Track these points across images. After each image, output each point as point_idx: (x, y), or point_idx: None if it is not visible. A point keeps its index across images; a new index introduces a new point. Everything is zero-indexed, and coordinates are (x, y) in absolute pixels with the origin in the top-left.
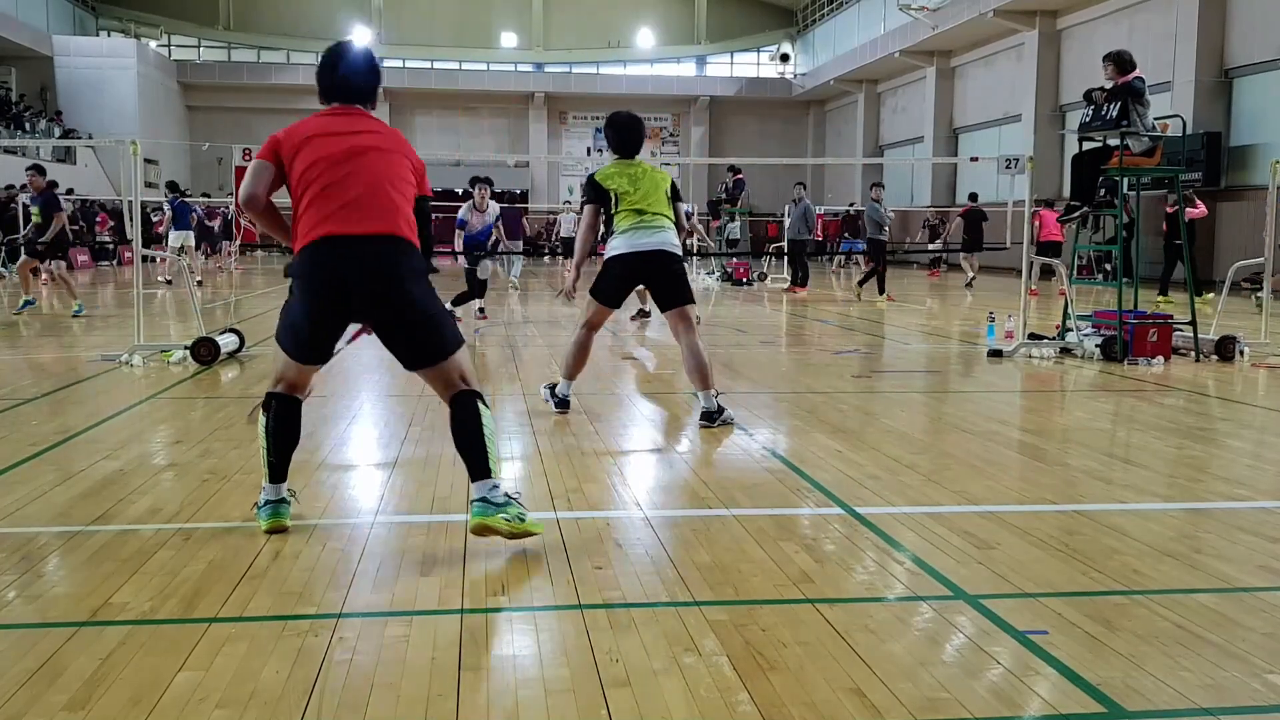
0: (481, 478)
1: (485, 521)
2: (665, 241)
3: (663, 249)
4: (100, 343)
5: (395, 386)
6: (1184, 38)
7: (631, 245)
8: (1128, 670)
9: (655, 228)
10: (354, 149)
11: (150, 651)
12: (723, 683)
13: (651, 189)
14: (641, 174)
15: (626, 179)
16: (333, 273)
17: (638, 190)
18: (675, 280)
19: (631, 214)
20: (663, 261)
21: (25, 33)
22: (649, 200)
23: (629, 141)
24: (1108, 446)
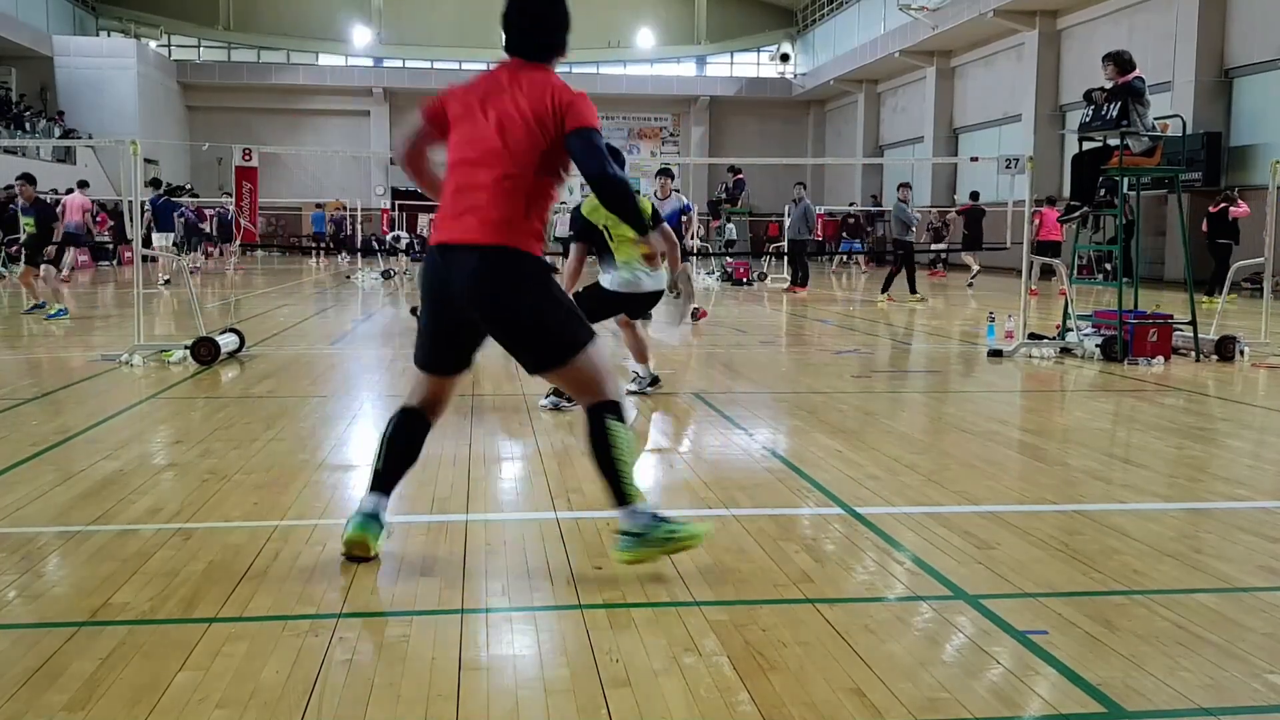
0: (619, 505)
1: (628, 557)
2: (660, 282)
3: (658, 289)
4: (100, 343)
5: (395, 387)
6: (1184, 38)
7: (632, 287)
8: (1128, 670)
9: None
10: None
11: (150, 652)
12: (723, 683)
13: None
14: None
15: (603, 213)
16: (438, 281)
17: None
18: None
19: (629, 245)
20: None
21: (25, 33)
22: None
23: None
24: (1108, 446)
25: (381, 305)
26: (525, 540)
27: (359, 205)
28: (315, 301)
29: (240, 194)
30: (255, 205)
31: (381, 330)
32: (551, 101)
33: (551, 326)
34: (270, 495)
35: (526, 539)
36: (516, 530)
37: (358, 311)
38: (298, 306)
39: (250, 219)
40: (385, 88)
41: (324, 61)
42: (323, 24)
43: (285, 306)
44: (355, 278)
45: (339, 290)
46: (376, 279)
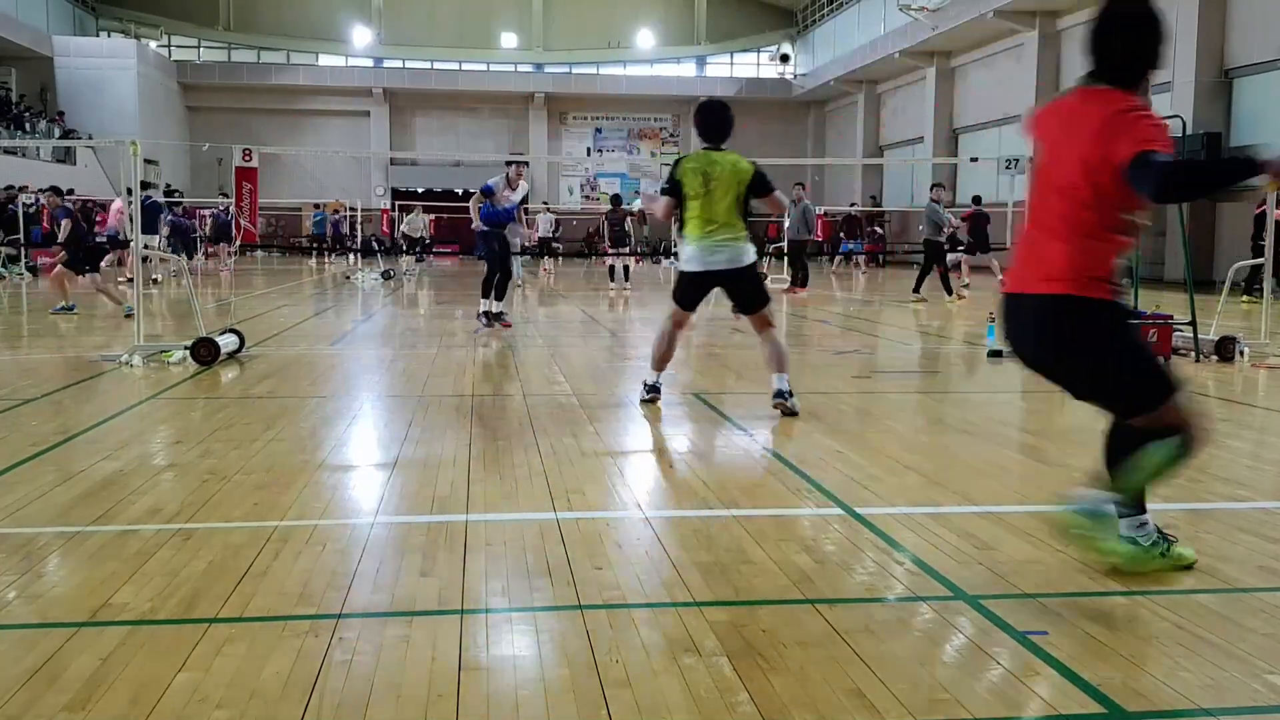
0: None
1: (1074, 529)
2: (735, 260)
3: (734, 268)
4: (100, 343)
5: (395, 386)
6: (1184, 38)
7: (703, 264)
8: (1128, 671)
9: (723, 244)
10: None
11: (150, 652)
12: (723, 683)
13: (722, 192)
14: (719, 171)
15: (700, 178)
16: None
17: (708, 194)
18: (747, 288)
19: (698, 223)
20: (736, 276)
21: (25, 33)
22: (716, 208)
23: (712, 125)
24: None
25: (382, 305)
26: (525, 540)
27: (359, 205)
28: (315, 302)
29: (240, 194)
30: (255, 206)
31: (382, 331)
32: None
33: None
34: (270, 495)
35: (526, 539)
36: (516, 531)
37: (358, 312)
38: (298, 307)
39: (250, 219)
40: (385, 88)
41: (324, 62)
42: (323, 24)
43: (285, 307)
44: (355, 278)
45: (339, 291)
46: (376, 279)
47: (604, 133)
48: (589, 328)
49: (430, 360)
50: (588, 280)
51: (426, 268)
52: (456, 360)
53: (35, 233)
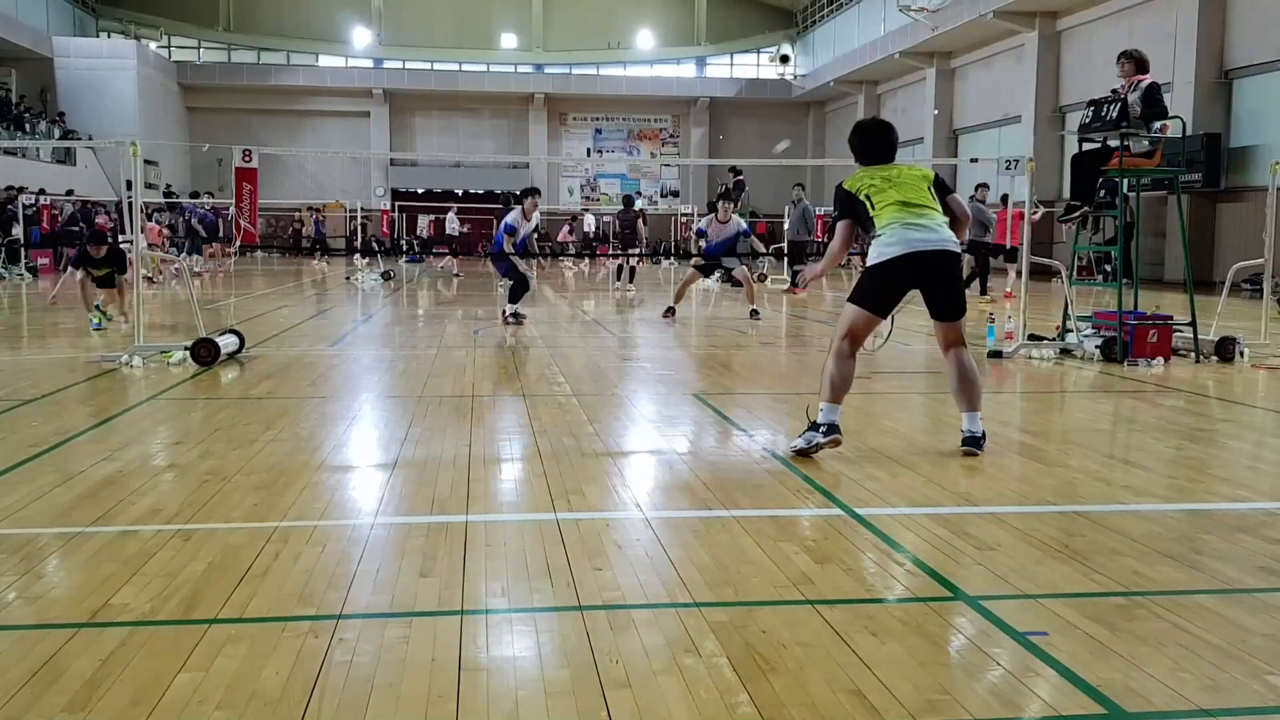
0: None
1: None
2: (946, 240)
3: (944, 248)
4: (100, 343)
5: (395, 386)
6: (1184, 38)
7: (907, 244)
8: (1128, 671)
9: (929, 223)
10: None
11: (150, 653)
12: (723, 684)
13: (913, 183)
14: (898, 174)
15: (879, 179)
16: None
17: (897, 185)
18: (953, 286)
19: (895, 207)
20: (944, 263)
21: (25, 34)
22: (911, 194)
23: (878, 148)
24: (1108, 447)
25: (382, 306)
26: (525, 540)
27: (359, 206)
28: (315, 302)
29: (240, 195)
30: (255, 206)
31: (382, 331)
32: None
33: None
34: (270, 496)
35: (526, 539)
36: (516, 532)
37: (358, 312)
38: (297, 307)
39: (250, 220)
40: (385, 89)
41: (324, 63)
42: (323, 25)
43: (285, 307)
44: (355, 279)
45: (339, 291)
46: (376, 280)
47: (604, 133)
48: (589, 327)
49: (430, 360)
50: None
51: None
52: (456, 360)
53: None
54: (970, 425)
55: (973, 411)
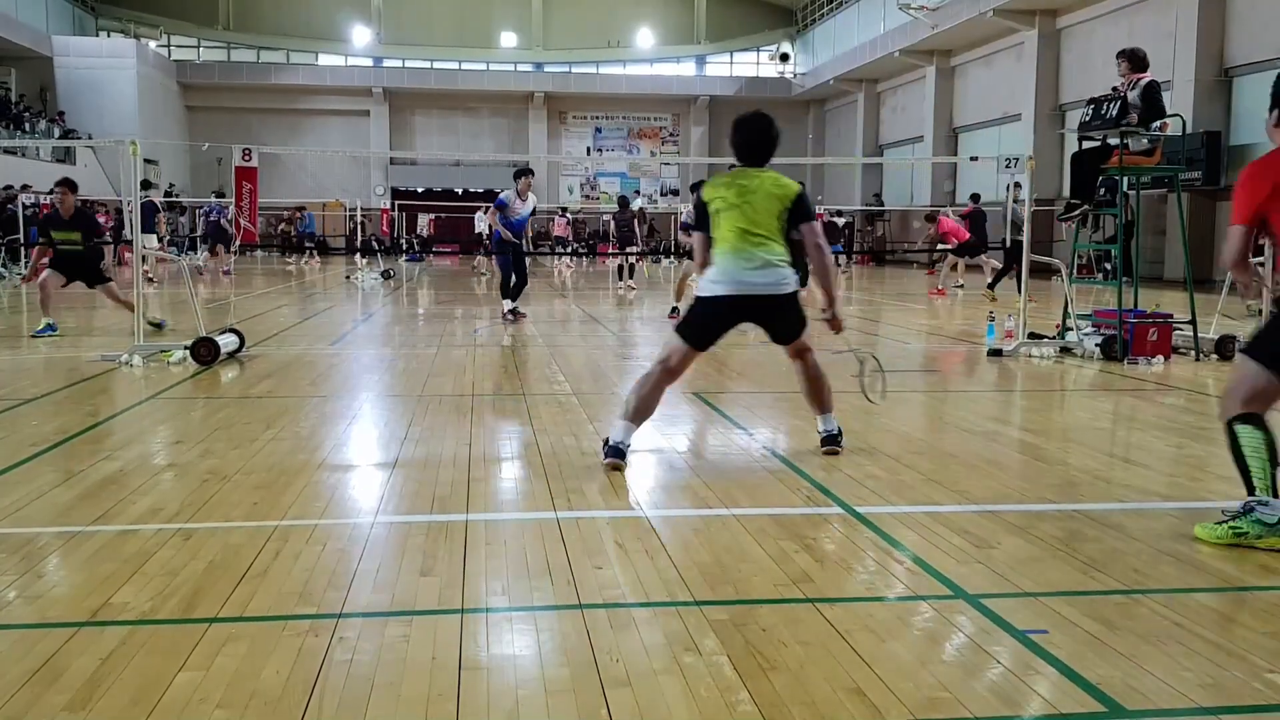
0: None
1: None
2: (777, 282)
3: (771, 293)
4: (100, 343)
5: (395, 386)
6: (1184, 37)
7: (734, 283)
8: (1128, 669)
9: (763, 258)
10: None
11: (150, 652)
12: (723, 682)
13: (765, 204)
14: (757, 186)
15: (734, 190)
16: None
17: (746, 203)
18: (784, 319)
19: (734, 235)
20: (771, 305)
21: (25, 33)
22: (757, 218)
23: (749, 148)
24: (1108, 446)
25: (381, 305)
26: (525, 540)
27: (359, 205)
28: (315, 302)
29: (240, 194)
30: (255, 206)
31: (381, 330)
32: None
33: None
34: (270, 495)
35: (527, 539)
36: (517, 530)
37: (357, 312)
38: (297, 307)
39: (250, 220)
40: (385, 88)
41: (324, 61)
42: (322, 24)
43: (285, 307)
44: (355, 278)
45: (339, 290)
46: (376, 279)
47: (604, 132)
48: (588, 326)
49: (430, 360)
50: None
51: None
52: (456, 360)
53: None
54: (825, 426)
55: (825, 413)
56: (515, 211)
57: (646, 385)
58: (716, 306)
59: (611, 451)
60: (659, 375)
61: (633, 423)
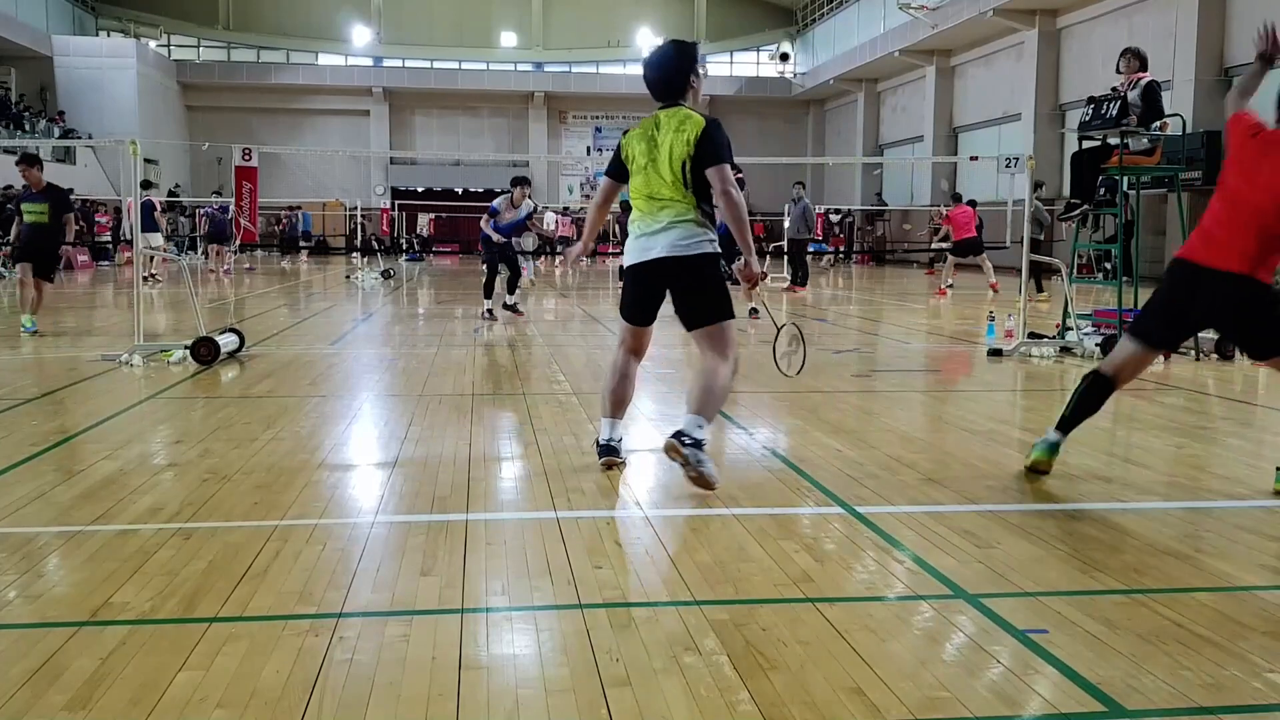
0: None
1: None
2: (674, 245)
3: (668, 255)
4: (100, 343)
5: (395, 386)
6: (1184, 37)
7: (635, 252)
8: (1128, 669)
9: (662, 221)
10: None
11: (150, 651)
12: (723, 682)
13: (666, 156)
14: (664, 135)
15: (645, 143)
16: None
17: (652, 162)
18: (690, 291)
19: (639, 200)
20: (671, 272)
21: (25, 33)
22: (658, 176)
23: (654, 84)
24: (1108, 445)
25: (381, 305)
26: (525, 540)
27: (359, 205)
28: (315, 301)
29: (240, 194)
30: (255, 205)
31: (381, 330)
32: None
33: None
34: (270, 495)
35: (526, 539)
36: (516, 530)
37: (357, 311)
38: (297, 306)
39: (250, 219)
40: (385, 87)
41: (324, 61)
42: (322, 24)
43: (284, 306)
44: (355, 278)
45: (338, 290)
46: (376, 279)
47: (604, 132)
48: (588, 325)
49: (430, 359)
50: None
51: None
52: (456, 359)
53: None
54: (688, 426)
55: (694, 414)
56: (506, 218)
57: (614, 373)
58: (634, 277)
59: (604, 450)
60: (621, 358)
61: (615, 417)
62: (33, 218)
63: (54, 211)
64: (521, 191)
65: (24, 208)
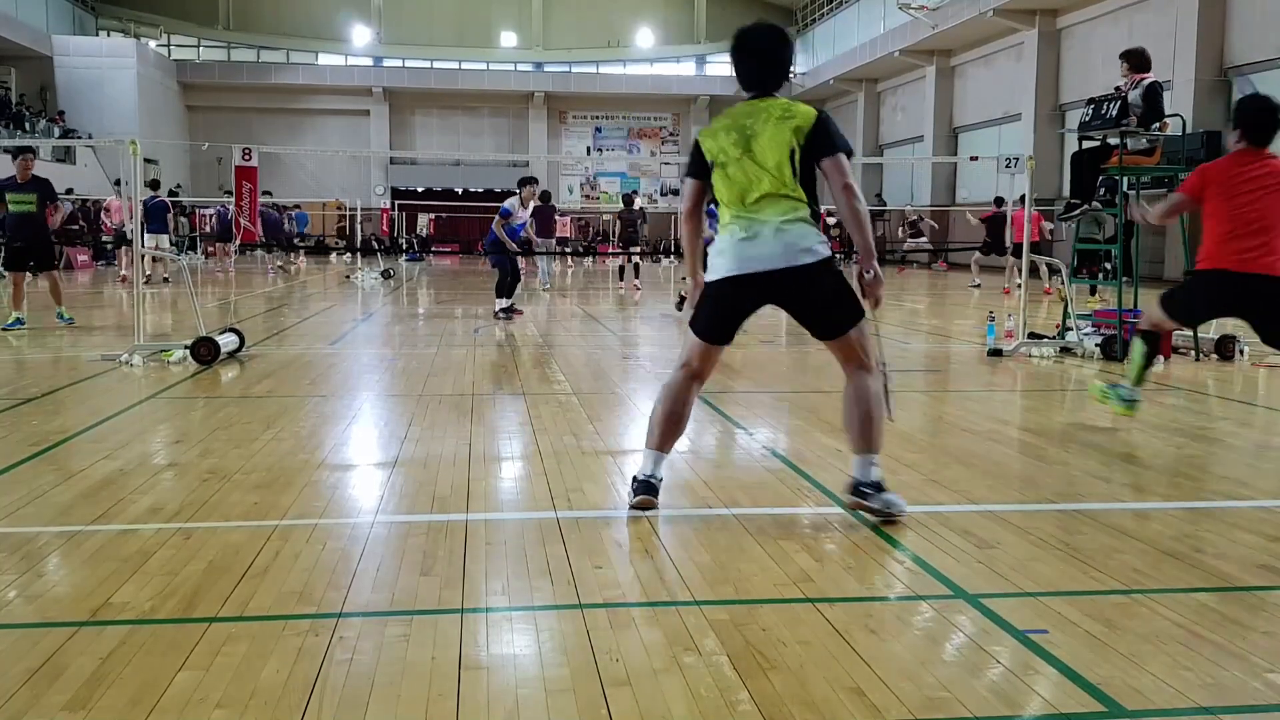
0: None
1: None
2: (789, 251)
3: (784, 266)
4: (100, 343)
5: (395, 385)
6: (1184, 37)
7: (736, 261)
8: (1128, 669)
9: (770, 223)
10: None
11: (150, 651)
12: (723, 682)
13: (770, 150)
14: (762, 126)
15: (735, 134)
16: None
17: (749, 155)
18: (816, 300)
19: (734, 198)
20: (790, 282)
21: (25, 33)
22: (755, 176)
23: (748, 70)
24: (1108, 445)
25: (381, 305)
26: (525, 540)
27: (359, 205)
28: (314, 301)
29: (240, 194)
30: (255, 205)
31: (381, 330)
32: None
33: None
34: (270, 495)
35: (526, 539)
36: (516, 530)
37: (357, 311)
38: (297, 306)
39: (250, 219)
40: (385, 87)
41: (324, 61)
42: (322, 24)
43: (285, 306)
44: (355, 277)
45: (338, 290)
46: (376, 279)
47: (604, 132)
48: (589, 325)
49: (430, 359)
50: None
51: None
52: (456, 359)
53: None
54: (860, 471)
55: (865, 453)
56: (518, 218)
57: (670, 399)
58: (723, 291)
59: (642, 487)
60: (682, 382)
61: (662, 451)
62: (19, 208)
63: (40, 202)
64: (530, 191)
65: (10, 198)
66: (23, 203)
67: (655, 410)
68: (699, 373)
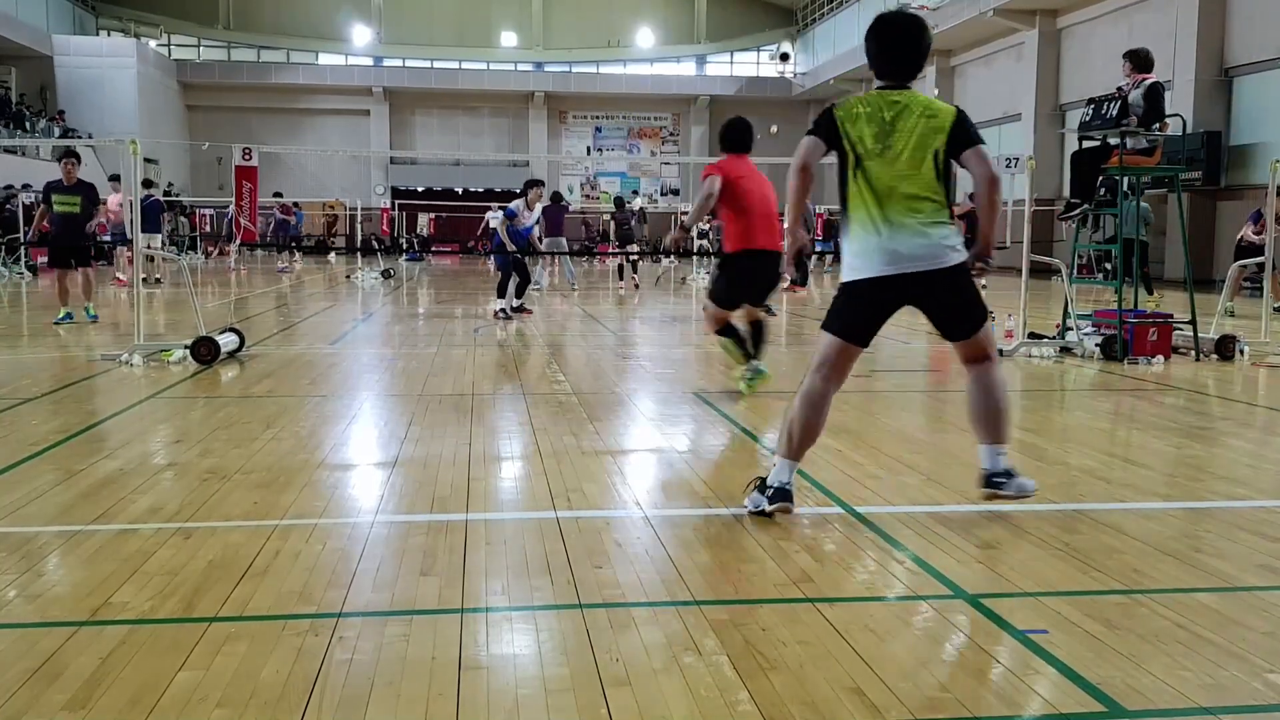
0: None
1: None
2: (938, 254)
3: (935, 268)
4: (100, 343)
5: (395, 386)
6: (1184, 37)
7: (885, 260)
8: (1128, 669)
9: (919, 223)
10: None
11: (150, 651)
12: (723, 682)
13: (918, 145)
14: (905, 118)
15: (875, 126)
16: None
17: (889, 150)
18: (957, 302)
19: (869, 198)
20: (936, 283)
21: (25, 32)
22: (905, 170)
23: (894, 58)
24: (1108, 446)
25: (381, 305)
26: (525, 540)
27: (359, 204)
28: (315, 301)
29: (240, 194)
30: (255, 205)
31: (381, 330)
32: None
33: None
34: (270, 495)
35: (526, 539)
36: (516, 530)
37: (357, 311)
38: (297, 306)
39: (250, 219)
40: (385, 87)
41: (324, 61)
42: (323, 23)
43: (284, 306)
44: (355, 277)
45: (338, 290)
46: (376, 278)
47: (604, 131)
48: (589, 325)
49: (430, 359)
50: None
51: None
52: (456, 360)
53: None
54: (990, 461)
55: (994, 443)
56: (523, 220)
57: (808, 406)
58: (867, 290)
59: (780, 494)
60: (820, 386)
61: (796, 460)
62: (64, 209)
63: (85, 204)
64: (536, 193)
65: (55, 199)
66: (68, 204)
67: (793, 420)
68: (838, 376)
